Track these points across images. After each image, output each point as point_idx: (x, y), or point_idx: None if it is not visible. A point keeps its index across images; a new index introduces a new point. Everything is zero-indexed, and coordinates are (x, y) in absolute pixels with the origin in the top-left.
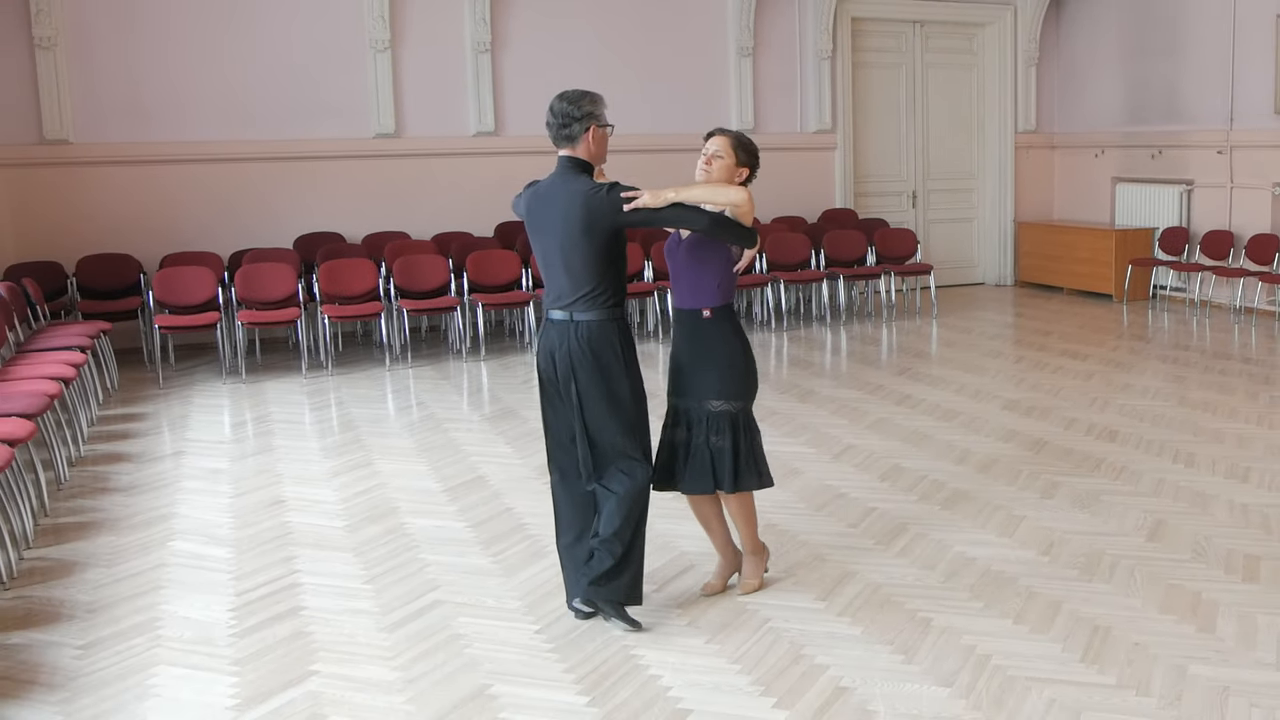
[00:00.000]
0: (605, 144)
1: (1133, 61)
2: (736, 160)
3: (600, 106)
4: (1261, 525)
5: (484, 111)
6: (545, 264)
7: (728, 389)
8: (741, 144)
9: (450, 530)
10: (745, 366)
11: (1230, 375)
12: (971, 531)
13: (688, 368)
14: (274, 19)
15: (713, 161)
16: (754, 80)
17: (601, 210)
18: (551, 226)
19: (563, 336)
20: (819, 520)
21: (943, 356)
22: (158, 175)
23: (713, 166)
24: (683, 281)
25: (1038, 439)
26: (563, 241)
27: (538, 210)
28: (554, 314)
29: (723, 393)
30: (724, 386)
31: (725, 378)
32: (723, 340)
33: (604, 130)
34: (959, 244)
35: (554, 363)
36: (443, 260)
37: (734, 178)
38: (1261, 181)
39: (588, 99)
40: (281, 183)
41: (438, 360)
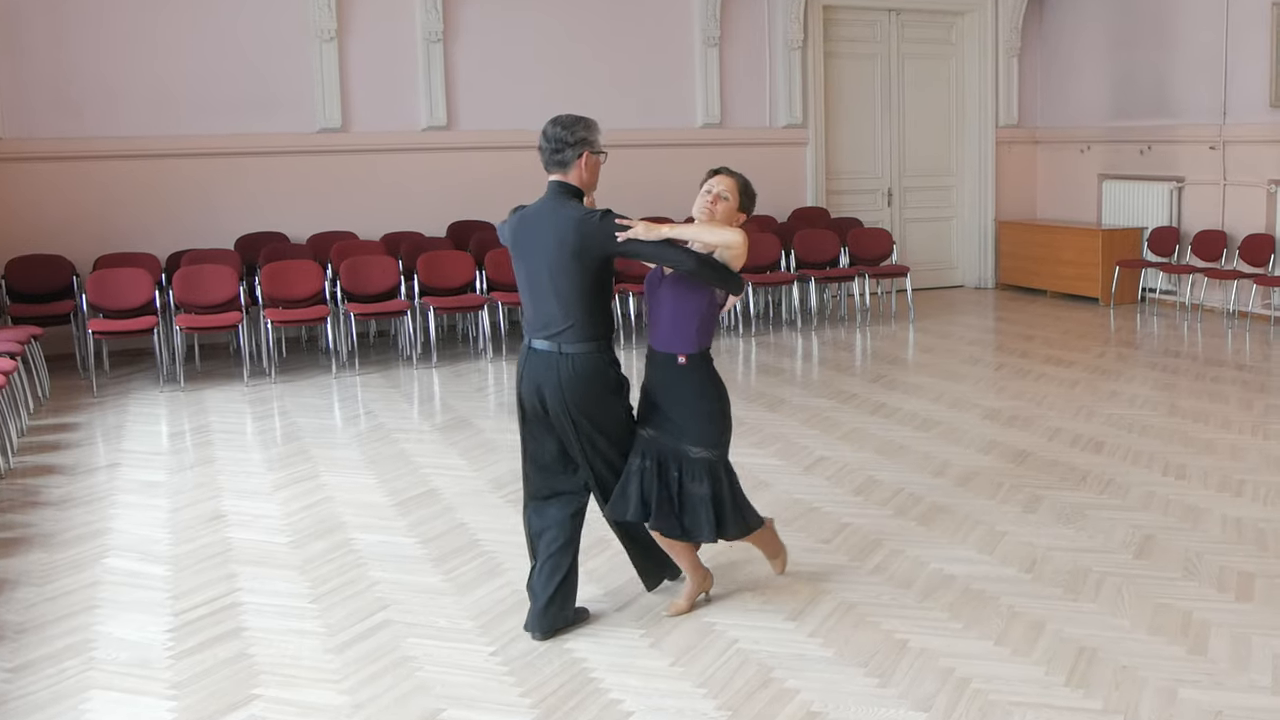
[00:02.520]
0: (598, 171)
1: (1120, 52)
2: (739, 205)
3: (595, 133)
4: (1256, 541)
5: (435, 105)
6: (531, 290)
7: (706, 437)
8: (747, 190)
9: (400, 546)
10: (722, 414)
11: (1223, 383)
12: (950, 547)
13: (663, 406)
14: (214, 7)
15: (718, 202)
16: (721, 72)
17: (594, 237)
18: (541, 251)
19: (550, 369)
20: (789, 535)
21: (920, 363)
22: (91, 172)
23: (717, 208)
24: (661, 321)
25: (1020, 450)
26: (552, 267)
27: (524, 235)
28: (538, 344)
29: (701, 440)
30: (703, 434)
31: (704, 428)
32: (699, 390)
33: (597, 157)
34: (937, 245)
35: (541, 396)
36: (392, 261)
37: (733, 222)
38: (1256, 178)
39: (582, 125)
40: (222, 180)
41: (387, 367)
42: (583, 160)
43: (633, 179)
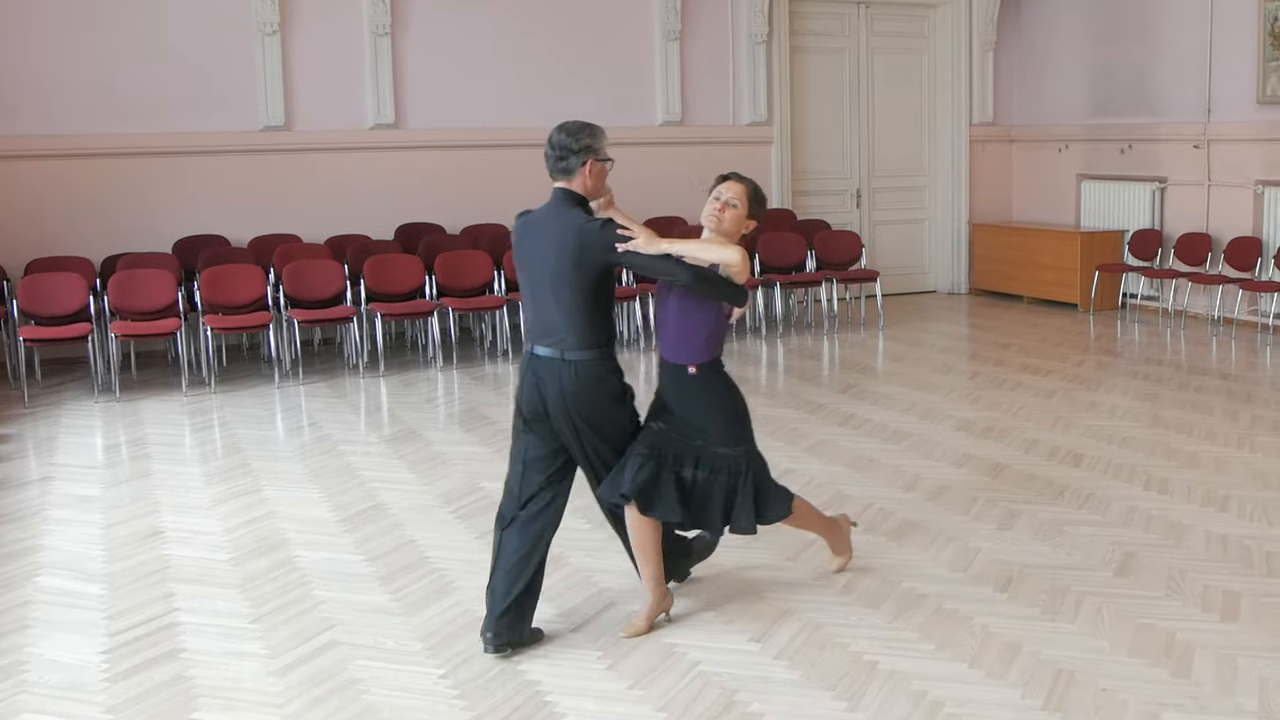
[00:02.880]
0: (603, 178)
1: (1100, 46)
2: (748, 212)
3: (600, 140)
4: (1241, 558)
5: (383, 102)
6: (534, 296)
7: (732, 438)
8: (755, 197)
9: (346, 564)
10: (738, 416)
11: (1207, 393)
12: (922, 565)
13: (677, 412)
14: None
15: (726, 209)
16: (681, 67)
17: (594, 247)
18: (542, 259)
19: (553, 376)
20: (753, 552)
21: (890, 372)
22: (22, 173)
23: (725, 215)
24: (669, 332)
25: (995, 463)
26: (554, 275)
27: (527, 242)
28: (540, 350)
29: (728, 441)
30: (727, 436)
31: (726, 431)
32: (714, 399)
33: (602, 164)
34: (908, 248)
35: (544, 401)
36: (337, 266)
37: (742, 229)
38: (1242, 179)
39: (586, 132)
40: (159, 181)
41: (332, 377)
42: (587, 168)
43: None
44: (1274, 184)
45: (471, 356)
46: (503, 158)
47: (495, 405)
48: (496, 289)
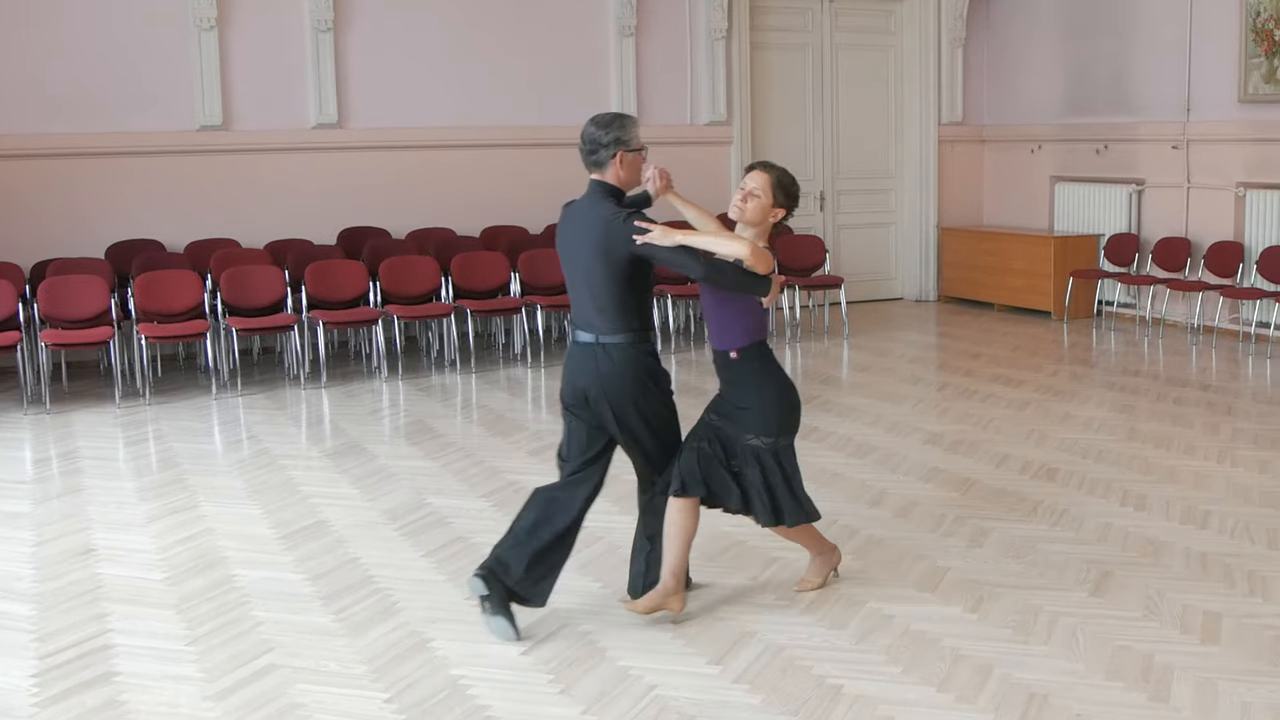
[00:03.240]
0: (636, 168)
1: (1075, 43)
2: (773, 201)
3: (629, 131)
4: (1223, 577)
5: (325, 100)
6: (572, 285)
7: (760, 426)
8: (781, 185)
9: (286, 583)
10: (781, 403)
11: (1187, 405)
12: (888, 585)
13: (727, 397)
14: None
15: (748, 199)
16: (637, 64)
17: (616, 237)
18: (576, 249)
19: (589, 360)
20: (713, 571)
21: (855, 383)
22: None
23: (748, 205)
24: (711, 322)
25: (965, 478)
26: (586, 264)
27: (565, 233)
28: (580, 336)
29: (754, 428)
30: (756, 423)
31: (757, 418)
32: (753, 381)
33: (634, 155)
34: (874, 253)
35: (583, 387)
36: (278, 272)
37: (768, 218)
38: (1223, 181)
39: (616, 123)
40: (91, 183)
41: (272, 387)
42: (618, 159)
43: (542, 181)
44: (1256, 186)
45: (418, 367)
46: (450, 159)
47: (442, 418)
48: (444, 296)
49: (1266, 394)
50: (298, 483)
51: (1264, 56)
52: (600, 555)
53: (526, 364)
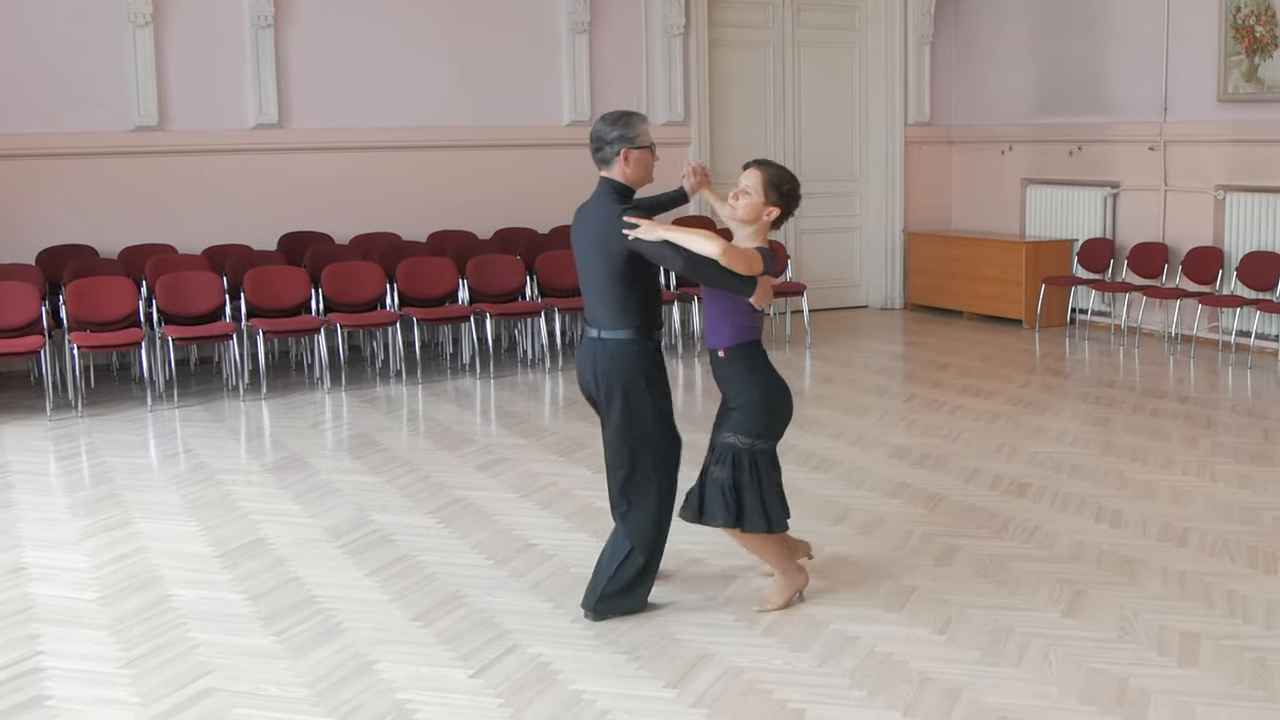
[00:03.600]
0: (644, 165)
1: (1047, 40)
2: (766, 199)
3: (635, 129)
4: (1201, 597)
5: (265, 100)
6: (582, 280)
7: (739, 425)
8: (774, 183)
9: (225, 603)
10: (765, 405)
11: (1164, 417)
12: (852, 605)
13: (722, 395)
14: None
15: (740, 197)
16: (590, 62)
17: (611, 232)
18: (582, 246)
19: (591, 353)
20: (669, 590)
21: (818, 394)
22: None
23: (739, 202)
24: (706, 320)
25: (932, 494)
26: (590, 261)
27: (576, 229)
28: (588, 330)
29: (735, 427)
30: (738, 422)
31: (741, 415)
32: (740, 380)
33: (639, 152)
34: (837, 259)
35: (586, 381)
36: (215, 279)
37: (761, 216)
38: (1201, 184)
39: (622, 121)
40: (20, 186)
41: (209, 399)
42: (623, 157)
43: (492, 183)
44: (1236, 189)
45: (362, 377)
46: (396, 161)
47: (387, 430)
48: (389, 304)
49: (1247, 406)
50: (236, 498)
51: (1244, 54)
52: (551, 575)
53: (475, 375)
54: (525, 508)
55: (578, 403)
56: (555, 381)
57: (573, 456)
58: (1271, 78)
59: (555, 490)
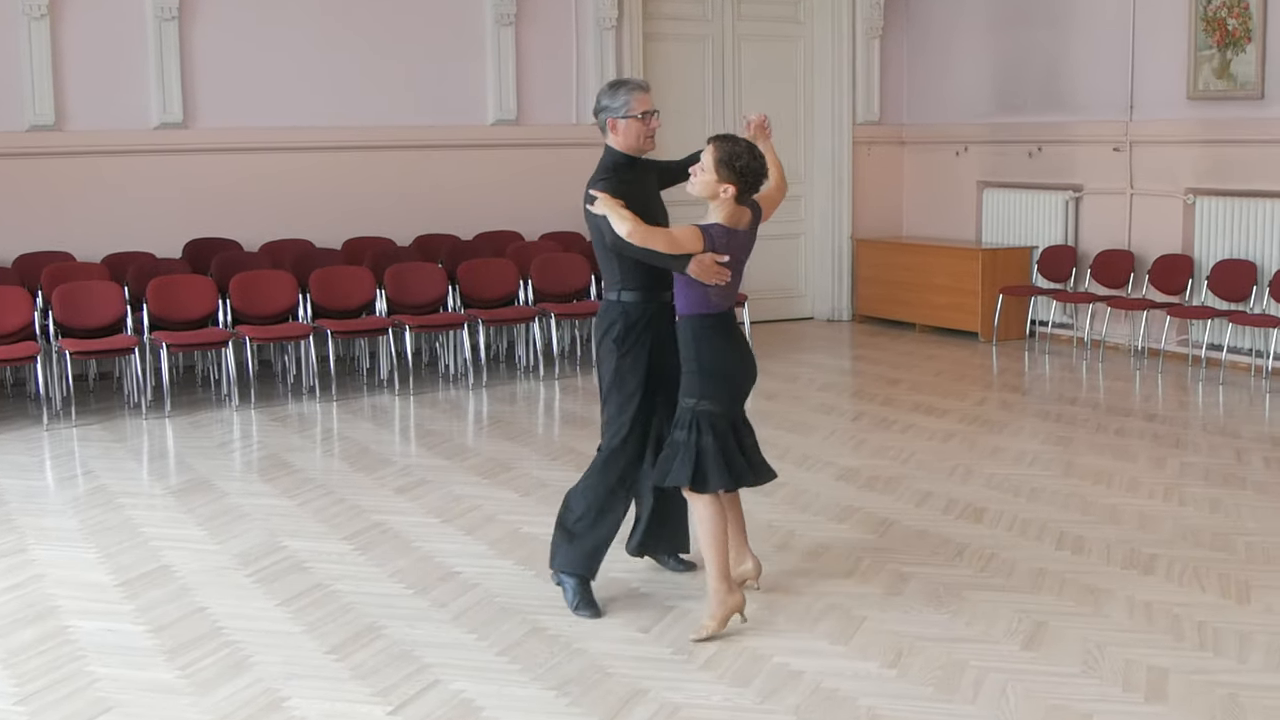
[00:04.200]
0: (632, 132)
1: (1005, 33)
2: (719, 176)
3: (618, 98)
4: (1170, 629)
5: (170, 98)
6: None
7: (691, 388)
8: (725, 160)
9: (126, 635)
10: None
11: (1129, 436)
12: (796, 637)
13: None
14: None
15: (696, 174)
16: (517, 57)
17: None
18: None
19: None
20: (601, 623)
21: (759, 411)
22: None
23: (696, 179)
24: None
25: (882, 518)
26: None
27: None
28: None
29: (688, 390)
30: (689, 385)
31: (691, 380)
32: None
33: (625, 121)
34: (781, 268)
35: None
36: (116, 289)
37: (717, 193)
38: (1170, 187)
39: (609, 91)
40: None
41: (110, 417)
42: (611, 126)
43: (411, 186)
44: (1207, 193)
45: (272, 394)
46: (308, 162)
47: (300, 450)
48: (302, 315)
49: (1218, 424)
50: (138, 523)
51: (1216, 48)
52: (475, 605)
53: (394, 391)
54: (447, 533)
55: (503, 421)
56: (480, 399)
57: (498, 478)
58: (1244, 74)
59: (479, 515)
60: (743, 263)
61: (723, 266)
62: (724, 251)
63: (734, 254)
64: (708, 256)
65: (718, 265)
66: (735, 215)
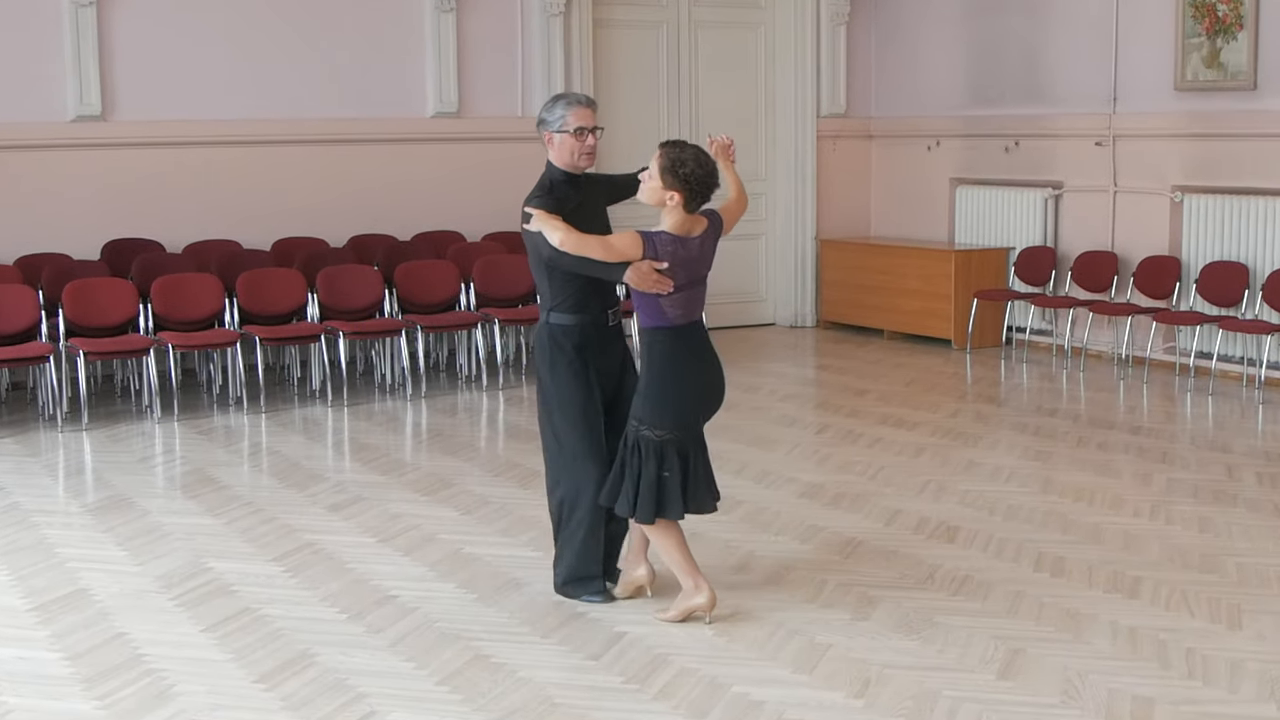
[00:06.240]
0: (565, 149)
1: (980, 20)
2: (663, 184)
3: (553, 111)
4: (1156, 656)
5: (87, 88)
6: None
7: (637, 409)
8: (669, 167)
9: (40, 663)
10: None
11: (1113, 450)
12: (757, 665)
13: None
14: None
15: (647, 180)
16: (458, 46)
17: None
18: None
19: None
20: (548, 650)
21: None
22: None
23: (645, 185)
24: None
25: (848, 538)
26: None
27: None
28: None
29: (638, 409)
30: (634, 404)
31: (636, 398)
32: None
33: (559, 135)
34: (740, 271)
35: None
36: (29, 293)
37: (664, 201)
38: (1156, 184)
39: (547, 104)
40: None
41: (22, 430)
42: (547, 139)
43: (346, 183)
44: (1195, 190)
45: (197, 405)
46: (236, 158)
47: (227, 465)
48: (228, 321)
49: (1208, 438)
50: (54, 544)
51: (1205, 35)
52: (414, 630)
53: (326, 402)
54: (384, 554)
55: (443, 435)
56: (418, 410)
57: (438, 495)
58: (1235, 63)
59: (418, 534)
60: (700, 275)
61: (665, 275)
62: (669, 260)
63: (685, 264)
64: (645, 264)
65: (657, 274)
66: (685, 223)
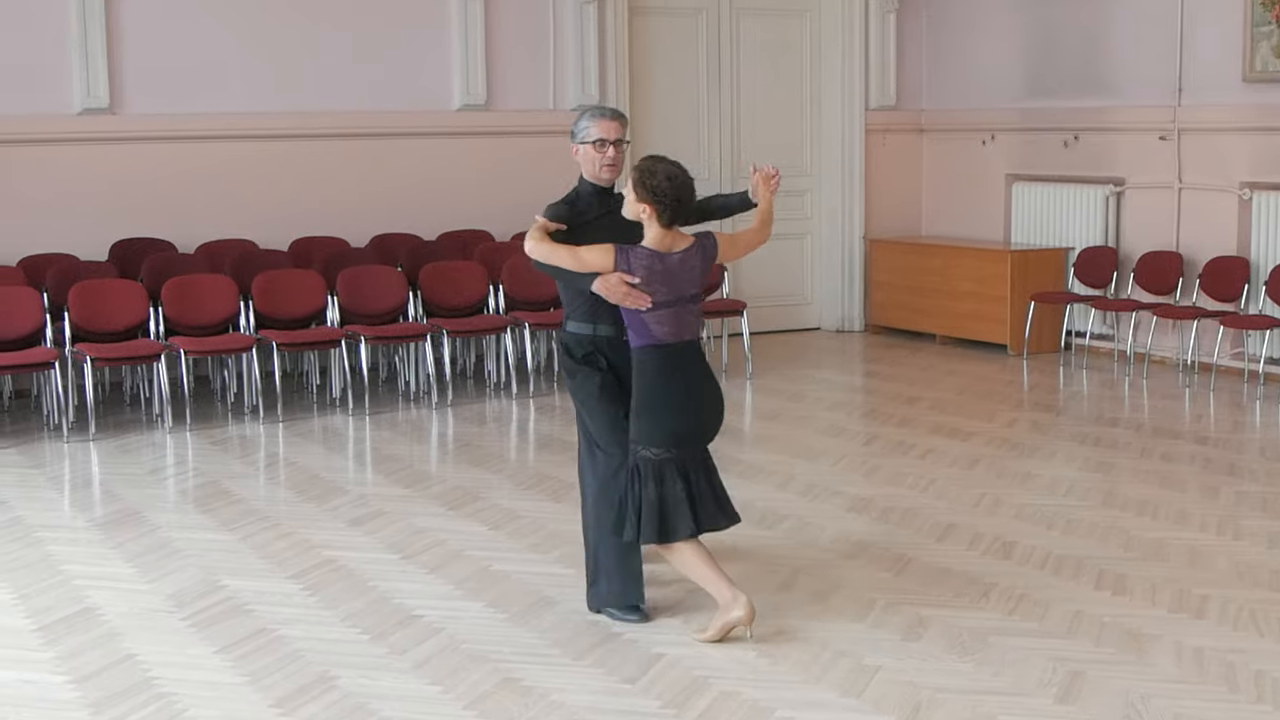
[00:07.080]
0: (587, 160)
1: (1038, 7)
2: (636, 195)
3: (580, 124)
4: (1224, 679)
5: (95, 81)
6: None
7: (633, 429)
8: (640, 180)
9: (45, 686)
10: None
11: (1177, 462)
12: (801, 688)
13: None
14: None
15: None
16: (487, 37)
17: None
18: None
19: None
20: (581, 673)
21: (761, 434)
22: None
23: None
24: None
25: (898, 554)
26: None
27: None
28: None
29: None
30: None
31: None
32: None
33: (582, 147)
34: (785, 271)
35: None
36: (34, 295)
37: (641, 214)
38: (1223, 180)
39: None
40: None
41: (26, 440)
42: (575, 152)
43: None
44: (1265, 187)
45: (211, 414)
46: (251, 153)
47: (241, 477)
48: (244, 325)
49: (1278, 448)
50: (59, 560)
51: (1275, 24)
52: (439, 652)
53: (347, 410)
54: (407, 571)
55: (470, 445)
56: (444, 419)
57: (465, 509)
58: None
59: (444, 551)
60: (685, 293)
61: (642, 290)
62: (644, 274)
63: (664, 279)
64: (614, 276)
65: (629, 287)
66: (665, 239)
